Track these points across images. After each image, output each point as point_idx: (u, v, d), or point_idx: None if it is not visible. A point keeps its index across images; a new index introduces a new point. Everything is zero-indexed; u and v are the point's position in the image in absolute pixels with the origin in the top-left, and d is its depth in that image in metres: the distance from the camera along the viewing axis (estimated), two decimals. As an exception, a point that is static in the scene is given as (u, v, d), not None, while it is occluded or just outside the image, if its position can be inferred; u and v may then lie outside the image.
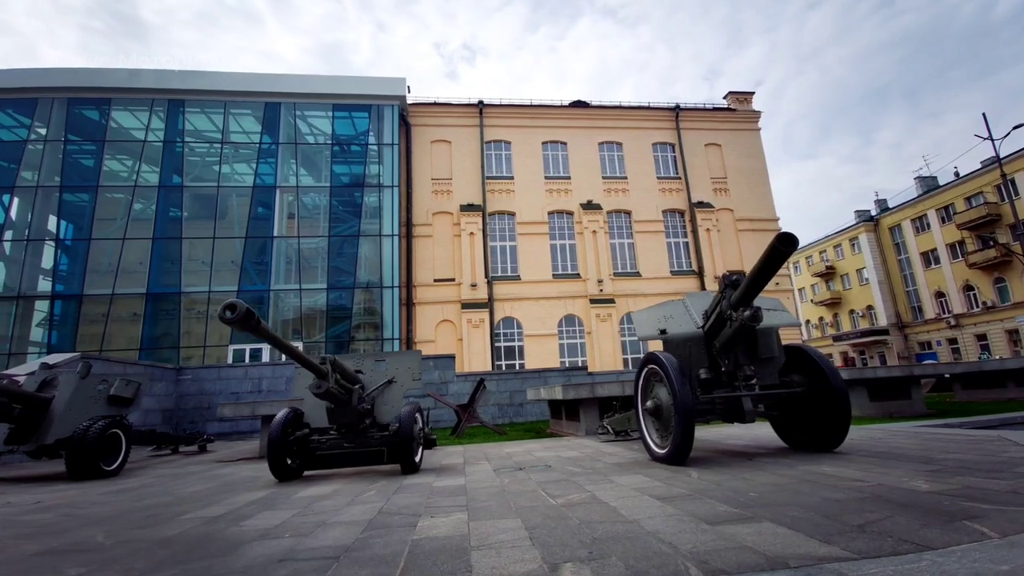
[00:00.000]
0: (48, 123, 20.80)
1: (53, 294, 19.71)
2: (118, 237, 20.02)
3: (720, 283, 4.02)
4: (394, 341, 20.24)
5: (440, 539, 2.11)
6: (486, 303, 21.70)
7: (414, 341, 21.13)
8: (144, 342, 19.11)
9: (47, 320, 19.58)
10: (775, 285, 23.92)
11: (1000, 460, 3.14)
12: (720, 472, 3.37)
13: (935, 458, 3.38)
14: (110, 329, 19.19)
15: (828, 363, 3.93)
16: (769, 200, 25.32)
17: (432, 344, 21.17)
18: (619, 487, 3.05)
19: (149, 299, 19.50)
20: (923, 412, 7.88)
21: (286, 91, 21.99)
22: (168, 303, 19.74)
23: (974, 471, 2.83)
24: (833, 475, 2.97)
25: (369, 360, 4.82)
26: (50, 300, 19.61)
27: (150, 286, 19.57)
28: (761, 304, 4.91)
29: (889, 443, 4.36)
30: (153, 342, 19.36)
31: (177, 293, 19.66)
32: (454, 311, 21.61)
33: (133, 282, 19.63)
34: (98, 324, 19.13)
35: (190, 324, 19.64)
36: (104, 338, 18.94)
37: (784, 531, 1.89)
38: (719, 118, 26.13)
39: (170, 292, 19.67)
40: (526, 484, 3.39)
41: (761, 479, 3.01)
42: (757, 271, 3.33)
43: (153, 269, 19.79)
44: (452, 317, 21.63)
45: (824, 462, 3.47)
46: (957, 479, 2.64)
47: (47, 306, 19.64)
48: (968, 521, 1.88)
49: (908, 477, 2.77)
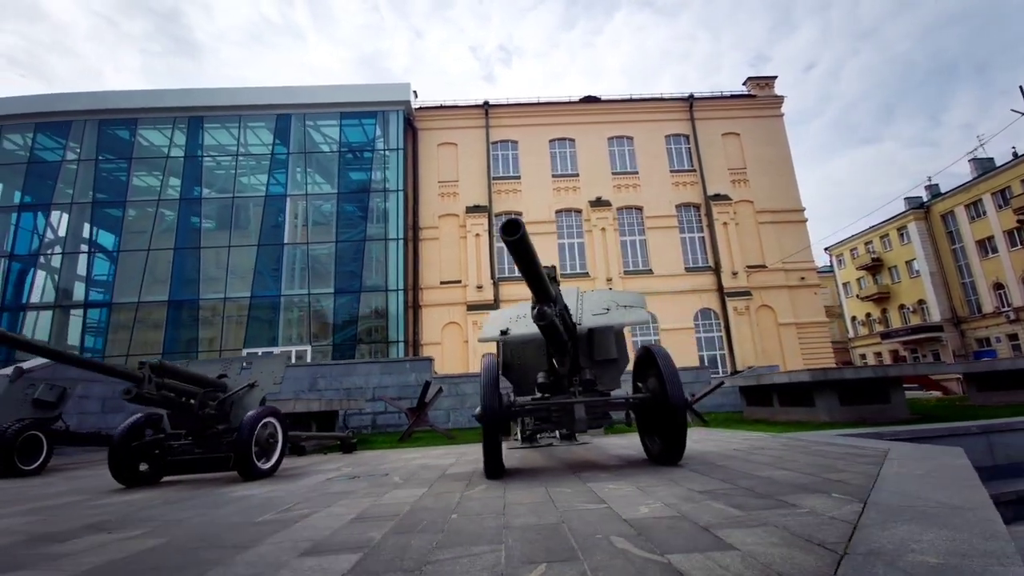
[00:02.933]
0: (81, 143, 22.31)
1: (86, 303, 21.09)
2: (143, 248, 21.19)
3: None
4: (399, 344, 20.43)
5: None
6: (492, 305, 21.53)
7: (421, 344, 21.26)
8: (166, 347, 20.10)
9: (81, 327, 20.95)
10: (800, 280, 22.59)
11: (814, 479, 2.71)
12: (490, 491, 3.07)
13: (757, 474, 2.98)
14: (136, 335, 20.34)
15: (669, 368, 3.53)
16: (793, 190, 23.89)
17: (439, 346, 21.22)
18: (359, 500, 2.82)
19: (170, 306, 20.53)
20: (903, 417, 7.09)
21: (297, 102, 22.67)
22: (188, 310, 20.72)
23: (751, 493, 2.43)
24: (585, 496, 2.62)
25: (236, 365, 4.76)
26: (83, 309, 20.98)
27: (171, 294, 20.61)
28: (621, 300, 4.53)
29: (750, 455, 3.91)
30: (174, 347, 20.33)
31: (196, 300, 20.60)
32: (460, 313, 21.58)
33: (157, 290, 20.73)
34: (125, 331, 20.32)
35: (208, 330, 20.53)
36: (130, 344, 20.09)
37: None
38: (737, 106, 24.91)
39: (189, 299, 20.64)
40: (315, 492, 3.21)
41: (515, 497, 2.71)
42: (520, 268, 2.96)
43: (174, 278, 20.84)
44: (459, 319, 21.61)
45: (629, 478, 3.11)
46: (720, 502, 2.27)
47: (81, 314, 21.01)
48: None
49: (676, 498, 2.41)
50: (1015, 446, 5.09)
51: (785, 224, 23.25)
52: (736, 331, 21.62)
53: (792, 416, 8.11)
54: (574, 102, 24.56)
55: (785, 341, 21.96)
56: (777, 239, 22.98)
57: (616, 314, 4.14)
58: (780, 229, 23.19)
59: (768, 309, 22.36)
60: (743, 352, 21.41)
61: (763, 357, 21.46)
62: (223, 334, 20.21)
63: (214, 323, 20.46)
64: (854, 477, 2.68)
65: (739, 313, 21.81)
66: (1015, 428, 5.14)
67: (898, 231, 39.92)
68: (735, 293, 22.01)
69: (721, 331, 21.99)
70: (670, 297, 22.07)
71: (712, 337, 22.04)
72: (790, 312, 22.30)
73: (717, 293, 22.27)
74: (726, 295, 21.99)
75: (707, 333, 22.06)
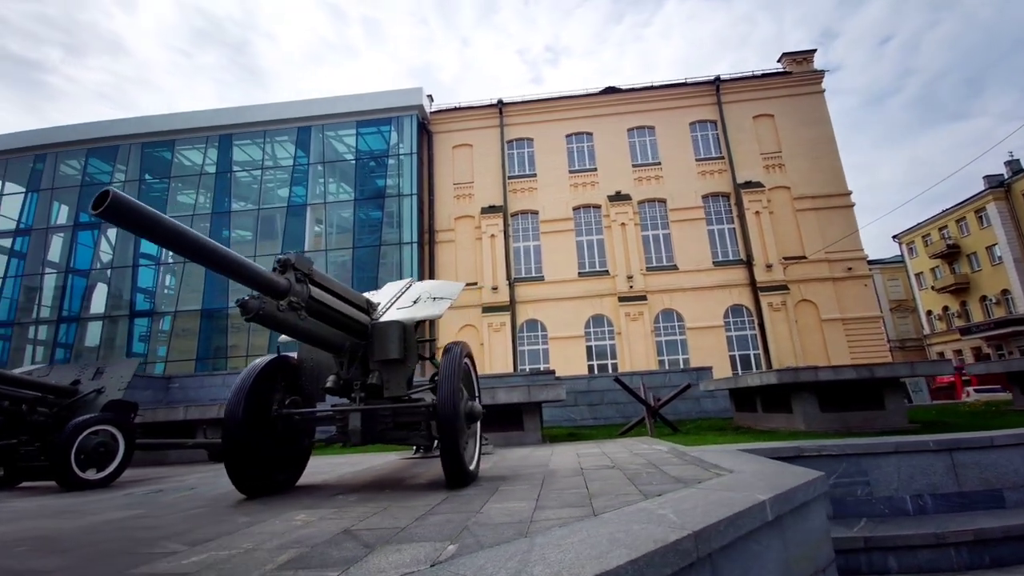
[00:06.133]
0: (127, 165, 24.05)
1: (132, 313, 22.61)
2: (180, 261, 22.48)
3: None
4: (415, 347, 20.36)
5: None
6: (507, 306, 21.09)
7: (436, 347, 21.09)
8: (199, 353, 21.19)
9: (127, 335, 22.49)
10: (846, 271, 20.52)
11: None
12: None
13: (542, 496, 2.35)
14: (174, 343, 21.60)
15: (447, 368, 2.97)
16: (838, 172, 21.75)
17: (455, 349, 20.99)
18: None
19: (203, 315, 21.62)
20: (899, 426, 5.96)
21: (316, 114, 23.29)
22: (218, 318, 21.74)
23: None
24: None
25: (89, 371, 4.62)
26: (129, 318, 22.51)
27: (204, 303, 21.70)
28: (436, 291, 3.96)
29: (597, 471, 3.20)
30: (207, 353, 21.40)
31: (225, 309, 21.57)
32: (476, 315, 21.27)
33: (191, 300, 21.91)
34: (163, 338, 21.63)
35: (235, 337, 21.43)
36: (169, 350, 21.35)
37: None
38: (771, 85, 23.05)
39: (219, 308, 21.64)
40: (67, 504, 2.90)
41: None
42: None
43: (207, 288, 21.93)
44: (475, 321, 21.31)
45: (361, 504, 2.56)
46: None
47: (127, 323, 22.56)
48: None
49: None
50: (993, 467, 3.98)
51: (828, 210, 21.22)
52: (772, 329, 19.92)
53: (773, 423, 7.11)
54: (591, 94, 23.66)
55: (830, 338, 20.00)
56: (819, 227, 21.01)
57: (417, 307, 3.61)
58: (822, 216, 21.19)
59: (809, 304, 20.47)
60: (780, 351, 19.69)
61: (804, 356, 19.65)
62: (248, 340, 21.02)
63: (241, 330, 21.32)
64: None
65: (775, 309, 20.08)
66: (992, 444, 4.00)
67: (976, 213, 35.66)
68: (770, 288, 20.30)
69: (755, 329, 20.34)
70: (697, 293, 20.71)
71: (745, 336, 20.43)
72: (835, 307, 20.29)
73: (749, 288, 20.64)
74: (760, 290, 20.33)
75: (739, 331, 20.47)
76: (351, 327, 3.36)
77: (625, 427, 8.31)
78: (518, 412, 7.24)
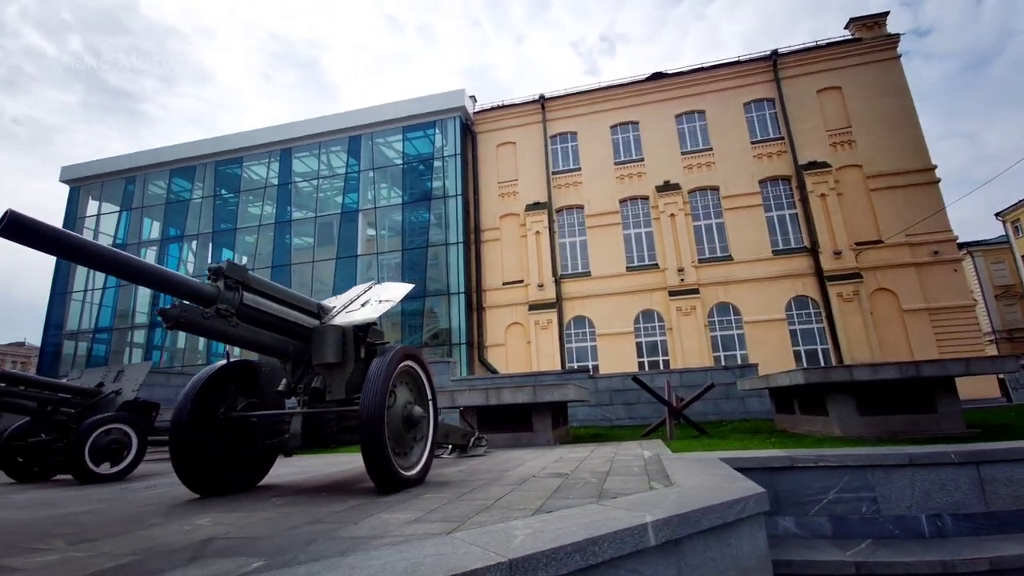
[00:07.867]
0: (203, 182, 26.30)
1: (210, 318, 24.69)
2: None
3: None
4: (463, 346, 20.70)
5: None
6: (554, 303, 20.83)
7: (485, 345, 21.32)
8: (267, 354, 22.74)
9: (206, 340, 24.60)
10: (932, 255, 18.35)
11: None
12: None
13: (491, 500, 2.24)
14: (245, 344, 23.33)
15: (375, 369, 2.93)
16: (919, 144, 19.46)
17: (502, 348, 21.13)
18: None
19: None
20: (956, 431, 5.18)
21: (365, 123, 24.24)
22: (283, 320, 23.23)
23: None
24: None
25: (112, 374, 5.02)
26: (207, 323, 24.60)
27: (270, 307, 23.26)
28: (386, 293, 3.88)
29: (576, 472, 3.01)
30: (274, 354, 22.91)
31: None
32: (523, 313, 21.20)
33: (259, 304, 23.57)
34: (237, 340, 23.42)
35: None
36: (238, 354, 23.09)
37: None
38: (837, 54, 21.02)
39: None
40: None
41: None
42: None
43: (272, 292, 23.49)
44: (521, 319, 21.26)
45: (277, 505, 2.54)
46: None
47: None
48: None
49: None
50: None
51: (908, 188, 19.07)
52: (842, 321, 18.23)
53: (811, 427, 6.46)
54: (636, 81, 22.76)
55: (913, 331, 18.01)
56: (897, 208, 18.94)
57: (361, 311, 3.57)
58: (901, 195, 19.08)
59: (887, 293, 18.52)
60: (852, 345, 17.99)
61: (881, 351, 17.83)
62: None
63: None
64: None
65: (845, 300, 18.35)
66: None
67: (1107, 183, 30.54)
68: (839, 276, 18.58)
69: (822, 322, 18.71)
70: (755, 285, 19.38)
71: (811, 329, 18.85)
72: (918, 295, 18.22)
73: (815, 278, 19.00)
74: (827, 279, 18.66)
75: (804, 324, 18.93)
76: (295, 332, 3.42)
77: (647, 428, 7.91)
78: (527, 412, 7.10)
